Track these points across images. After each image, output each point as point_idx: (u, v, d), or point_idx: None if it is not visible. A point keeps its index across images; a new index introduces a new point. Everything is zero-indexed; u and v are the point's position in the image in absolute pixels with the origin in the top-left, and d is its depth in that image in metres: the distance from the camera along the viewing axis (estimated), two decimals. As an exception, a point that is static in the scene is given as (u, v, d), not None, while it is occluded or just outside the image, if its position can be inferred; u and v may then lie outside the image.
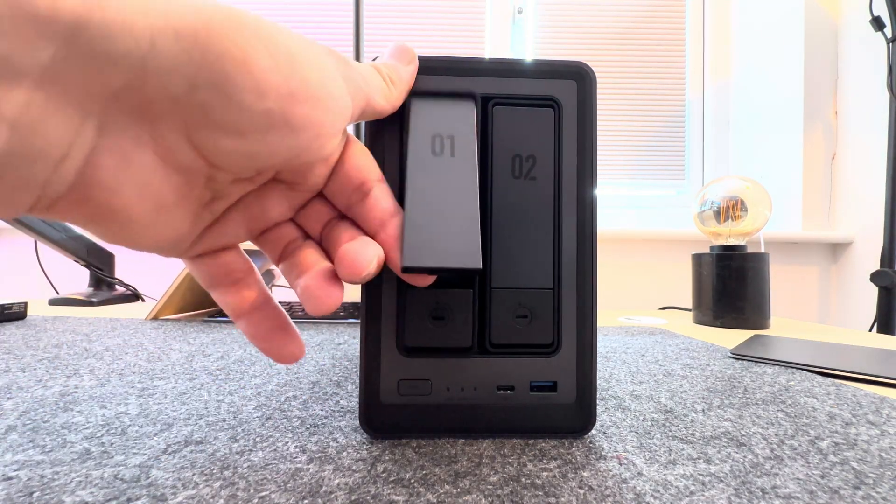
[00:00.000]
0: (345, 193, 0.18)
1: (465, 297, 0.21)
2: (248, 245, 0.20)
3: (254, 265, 0.19)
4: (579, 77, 0.22)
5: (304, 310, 0.61)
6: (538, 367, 0.21)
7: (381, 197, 0.18)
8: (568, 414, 0.21)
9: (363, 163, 0.18)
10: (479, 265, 0.16)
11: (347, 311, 0.61)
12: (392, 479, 0.17)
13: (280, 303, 0.64)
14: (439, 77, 0.21)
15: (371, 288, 0.21)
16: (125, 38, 0.11)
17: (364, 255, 0.16)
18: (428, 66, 0.21)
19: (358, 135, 0.78)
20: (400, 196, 0.19)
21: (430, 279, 0.19)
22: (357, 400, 0.26)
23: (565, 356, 0.21)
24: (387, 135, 0.21)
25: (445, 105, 0.20)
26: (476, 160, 0.19)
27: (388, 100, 0.18)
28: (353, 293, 1.02)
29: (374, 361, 0.21)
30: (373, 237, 0.18)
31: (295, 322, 0.58)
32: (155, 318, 0.59)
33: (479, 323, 0.21)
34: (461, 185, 0.18)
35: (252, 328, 0.18)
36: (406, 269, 0.16)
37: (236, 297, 0.18)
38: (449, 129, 0.19)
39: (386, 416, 0.21)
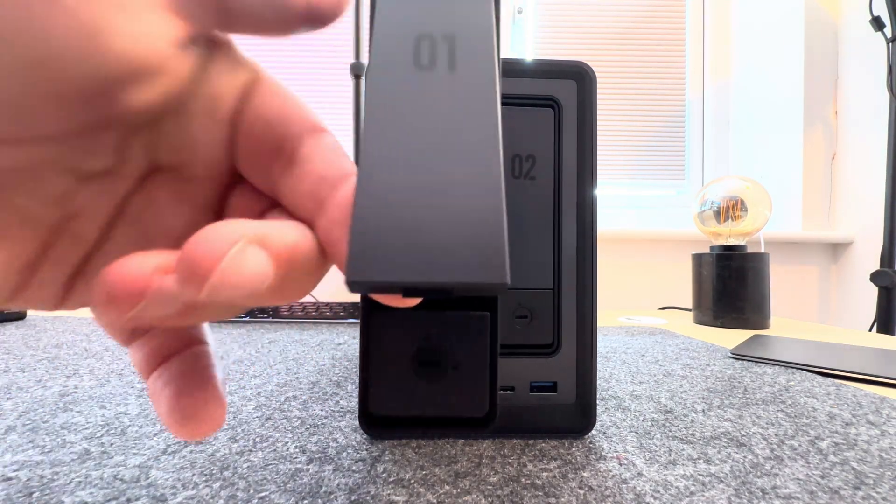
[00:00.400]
0: (261, 164, 0.11)
1: (478, 327, 0.13)
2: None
3: None
4: (579, 77, 0.22)
5: (304, 310, 0.61)
6: (538, 368, 0.21)
7: (314, 156, 0.11)
8: (568, 414, 0.21)
9: (279, 109, 0.11)
10: (507, 279, 0.08)
11: (347, 310, 0.61)
12: (392, 479, 0.17)
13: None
14: None
15: None
16: None
17: (214, 241, 0.08)
18: None
19: (357, 131, 0.77)
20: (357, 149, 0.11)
21: (411, 300, 0.10)
22: (357, 400, 0.26)
23: (565, 356, 0.21)
24: None
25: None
26: (497, 78, 0.11)
27: None
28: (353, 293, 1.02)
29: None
30: (311, 226, 0.10)
31: (291, 321, 0.58)
32: (155, 318, 0.59)
33: None
34: (469, 125, 0.10)
35: (165, 381, 0.11)
36: (352, 286, 0.08)
37: (155, 348, 0.12)
38: (446, 26, 0.11)
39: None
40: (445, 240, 0.09)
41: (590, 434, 0.22)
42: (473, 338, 0.13)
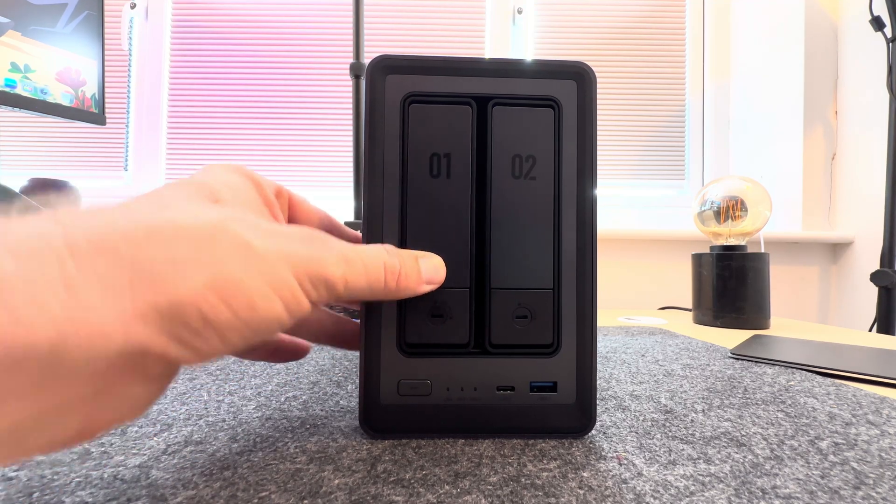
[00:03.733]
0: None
1: (462, 296, 0.21)
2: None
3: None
4: (579, 77, 0.22)
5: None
6: (538, 368, 0.21)
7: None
8: (568, 414, 0.21)
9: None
10: (467, 284, 0.21)
11: (347, 311, 0.61)
12: (392, 479, 0.17)
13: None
14: (439, 78, 0.21)
15: None
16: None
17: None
18: (428, 66, 0.21)
19: (357, 131, 0.78)
20: (401, 217, 0.21)
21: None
22: (357, 400, 0.26)
23: (565, 356, 0.21)
24: (387, 140, 0.21)
25: (443, 116, 0.21)
26: (470, 179, 0.21)
27: (345, 279, 0.16)
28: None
29: (374, 362, 0.21)
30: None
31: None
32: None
33: (479, 323, 0.21)
34: (455, 210, 0.21)
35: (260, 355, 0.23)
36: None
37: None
38: (446, 147, 0.21)
39: (386, 416, 0.21)
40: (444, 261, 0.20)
41: (590, 434, 0.22)
42: (459, 302, 0.21)
